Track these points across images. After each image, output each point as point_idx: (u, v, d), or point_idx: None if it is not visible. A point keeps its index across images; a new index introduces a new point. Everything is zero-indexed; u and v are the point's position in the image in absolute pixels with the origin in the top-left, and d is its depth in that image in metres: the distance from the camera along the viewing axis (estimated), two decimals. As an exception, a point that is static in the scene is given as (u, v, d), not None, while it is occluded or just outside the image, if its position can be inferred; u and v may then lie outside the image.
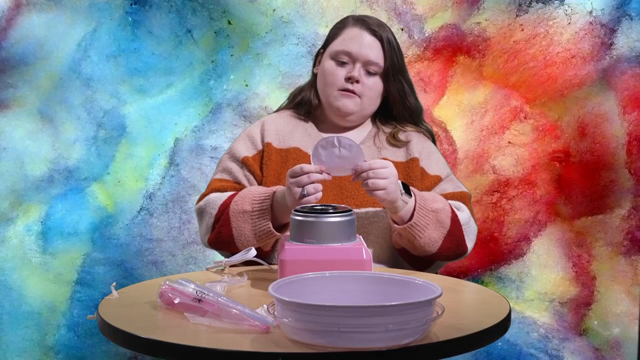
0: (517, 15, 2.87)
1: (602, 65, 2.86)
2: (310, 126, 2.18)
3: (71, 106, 2.87)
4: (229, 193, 2.04)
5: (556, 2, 2.86)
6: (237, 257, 1.89)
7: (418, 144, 2.16)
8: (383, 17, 2.87)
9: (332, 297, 1.47)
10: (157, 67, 2.88)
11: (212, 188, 2.10)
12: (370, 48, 2.10)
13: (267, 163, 2.11)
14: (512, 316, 1.96)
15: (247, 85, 2.90)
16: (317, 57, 2.21)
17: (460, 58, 2.90)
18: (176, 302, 1.53)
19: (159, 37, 2.88)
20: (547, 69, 2.87)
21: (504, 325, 1.50)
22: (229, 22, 2.88)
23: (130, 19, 2.87)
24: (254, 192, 1.99)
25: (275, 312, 1.36)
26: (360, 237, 1.82)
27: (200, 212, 2.08)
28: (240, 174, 2.11)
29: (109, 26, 2.86)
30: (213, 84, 2.90)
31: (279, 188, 1.98)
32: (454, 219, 2.00)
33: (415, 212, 1.94)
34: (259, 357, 1.32)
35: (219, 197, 2.04)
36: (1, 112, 2.85)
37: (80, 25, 2.86)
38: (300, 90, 2.26)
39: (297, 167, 1.87)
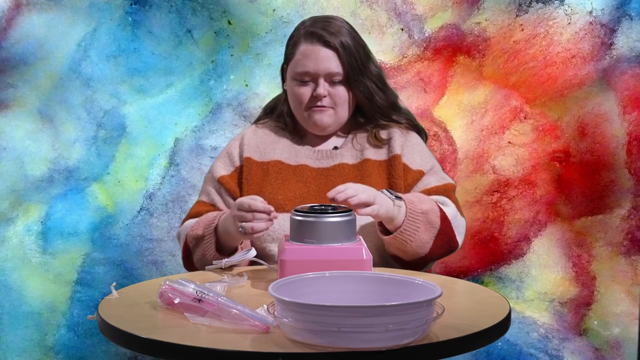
0: (517, 15, 2.87)
1: (602, 65, 2.86)
2: (292, 138, 2.18)
3: (71, 106, 2.87)
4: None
5: (556, 2, 2.86)
6: (237, 257, 1.89)
7: (399, 139, 2.13)
8: (383, 17, 2.87)
9: (332, 297, 1.47)
10: (157, 67, 2.88)
11: (190, 214, 2.14)
12: (327, 60, 2.07)
13: (247, 178, 2.11)
14: (512, 316, 1.96)
15: (247, 85, 2.90)
16: (283, 73, 2.18)
17: (460, 58, 2.90)
18: (176, 302, 1.53)
19: (159, 37, 2.88)
20: (547, 69, 2.87)
21: (504, 325, 1.50)
22: (229, 22, 2.88)
23: (130, 19, 2.87)
24: (209, 217, 2.02)
25: (275, 312, 1.36)
26: (360, 237, 1.82)
27: (178, 239, 2.13)
28: (216, 195, 2.13)
29: (109, 26, 2.86)
30: (213, 84, 2.90)
31: (225, 213, 1.99)
32: (443, 217, 1.98)
33: (405, 218, 1.92)
34: (259, 357, 1.32)
35: (190, 224, 2.08)
36: (1, 112, 2.85)
37: (80, 25, 2.86)
38: (275, 103, 2.26)
39: (245, 202, 1.85)
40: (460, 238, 2.05)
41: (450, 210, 2.03)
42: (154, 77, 2.89)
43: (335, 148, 2.15)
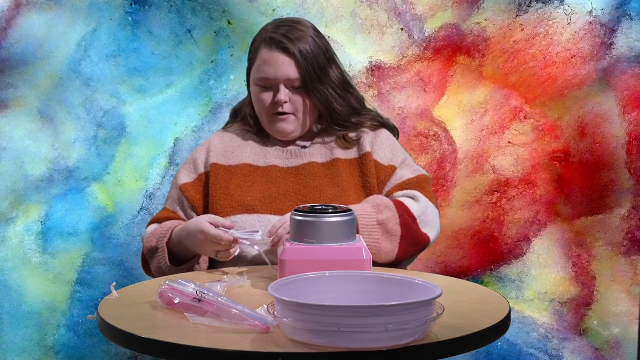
0: (517, 15, 2.87)
1: (602, 65, 2.86)
2: (259, 139, 2.20)
3: (71, 106, 2.87)
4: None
5: (556, 2, 2.86)
6: (244, 234, 1.88)
7: (369, 137, 2.14)
8: (383, 17, 2.87)
9: (332, 297, 1.47)
10: (157, 67, 2.88)
11: (153, 219, 2.17)
12: (286, 67, 2.07)
13: (215, 183, 2.12)
14: (512, 316, 1.96)
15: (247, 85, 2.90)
16: (248, 76, 2.20)
17: (460, 58, 2.90)
18: (176, 302, 1.53)
19: (159, 37, 2.87)
20: (547, 69, 2.87)
21: (504, 325, 1.50)
22: (229, 22, 2.88)
23: (130, 19, 2.87)
24: (163, 228, 2.04)
25: (275, 312, 1.36)
26: (360, 237, 1.82)
27: (143, 243, 2.15)
28: (177, 203, 2.16)
29: (109, 26, 2.86)
30: (213, 84, 2.90)
31: (178, 225, 2.02)
32: (404, 223, 1.96)
33: (360, 232, 1.91)
34: (259, 357, 1.32)
35: (150, 231, 2.11)
36: (1, 112, 2.85)
37: (80, 25, 2.86)
38: (241, 106, 2.28)
39: (215, 234, 1.90)
40: (432, 232, 2.03)
41: (418, 206, 2.02)
42: (154, 77, 2.89)
43: (304, 147, 2.16)
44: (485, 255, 2.93)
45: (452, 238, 2.92)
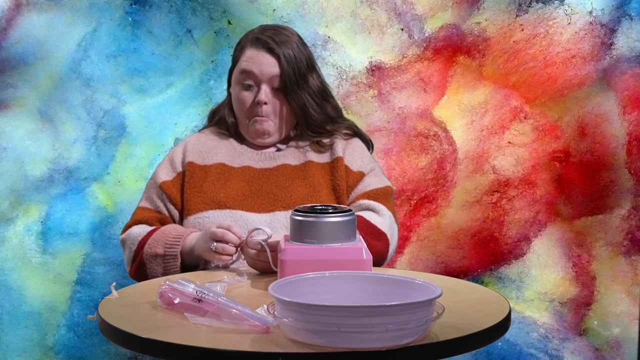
0: (517, 15, 2.87)
1: (602, 65, 2.86)
2: (234, 141, 2.24)
3: (71, 106, 2.87)
4: (149, 228, 2.10)
5: (556, 2, 2.86)
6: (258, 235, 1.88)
7: (341, 143, 2.21)
8: (383, 17, 2.87)
9: (332, 297, 1.47)
10: (157, 67, 2.88)
11: (135, 219, 2.17)
12: (272, 65, 2.14)
13: (189, 181, 2.15)
14: (512, 316, 1.96)
15: (247, 85, 2.90)
16: (230, 78, 2.25)
17: (460, 58, 2.90)
18: (176, 302, 1.53)
19: (159, 37, 2.87)
20: (547, 69, 2.87)
21: (504, 325, 1.50)
22: (229, 22, 2.88)
23: (130, 19, 2.87)
24: (167, 235, 2.04)
25: (275, 312, 1.36)
26: (361, 237, 1.82)
27: (123, 245, 2.15)
28: (159, 201, 2.17)
29: (109, 26, 2.86)
30: (213, 84, 2.90)
31: (192, 234, 2.02)
32: (375, 252, 1.98)
33: None
34: (259, 357, 1.32)
35: (138, 234, 2.10)
36: (1, 112, 2.85)
37: (80, 25, 2.86)
38: (217, 108, 2.33)
39: (218, 232, 1.90)
40: (392, 247, 2.08)
41: (383, 221, 2.06)
42: (154, 77, 2.89)
43: (278, 150, 2.21)
44: (485, 255, 2.93)
45: (452, 238, 2.92)
